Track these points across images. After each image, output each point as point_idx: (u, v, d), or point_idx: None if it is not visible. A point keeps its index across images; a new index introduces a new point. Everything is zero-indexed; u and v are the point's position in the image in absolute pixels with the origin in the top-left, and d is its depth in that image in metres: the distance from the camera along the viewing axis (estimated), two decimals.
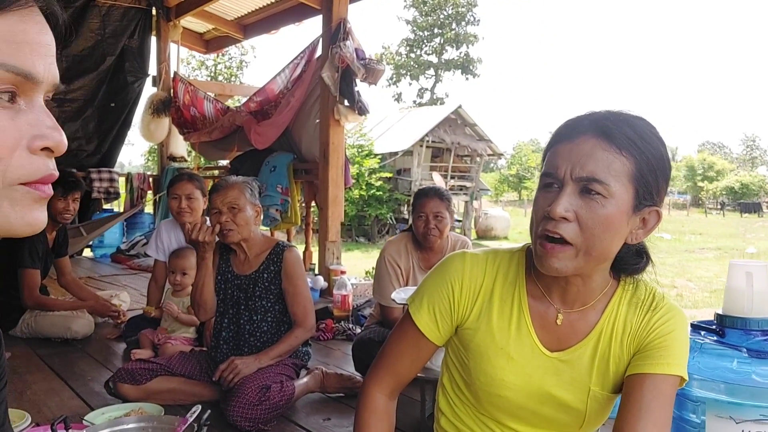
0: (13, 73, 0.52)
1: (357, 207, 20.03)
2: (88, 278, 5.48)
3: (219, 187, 2.43)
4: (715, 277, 11.22)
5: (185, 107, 6.55)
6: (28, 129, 0.54)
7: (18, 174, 0.53)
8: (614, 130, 0.98)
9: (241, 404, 2.14)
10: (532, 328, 1.13)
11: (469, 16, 36.83)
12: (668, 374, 1.03)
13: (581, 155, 0.98)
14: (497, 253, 1.19)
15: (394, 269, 2.79)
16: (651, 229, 1.05)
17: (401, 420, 2.28)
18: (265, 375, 2.27)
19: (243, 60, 24.12)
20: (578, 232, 0.98)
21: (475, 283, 1.16)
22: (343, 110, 4.71)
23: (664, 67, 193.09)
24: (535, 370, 1.12)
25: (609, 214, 0.98)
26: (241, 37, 7.10)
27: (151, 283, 3.47)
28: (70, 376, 2.77)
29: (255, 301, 2.45)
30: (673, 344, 1.06)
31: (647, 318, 1.09)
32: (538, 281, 1.14)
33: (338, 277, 4.08)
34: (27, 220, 0.55)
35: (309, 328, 2.46)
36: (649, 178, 1.00)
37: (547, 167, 1.03)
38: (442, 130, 21.78)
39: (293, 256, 2.47)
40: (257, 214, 2.47)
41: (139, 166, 31.87)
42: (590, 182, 0.97)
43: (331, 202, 4.86)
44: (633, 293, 1.12)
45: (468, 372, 1.17)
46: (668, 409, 1.03)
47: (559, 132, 1.05)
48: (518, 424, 1.17)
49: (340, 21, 4.73)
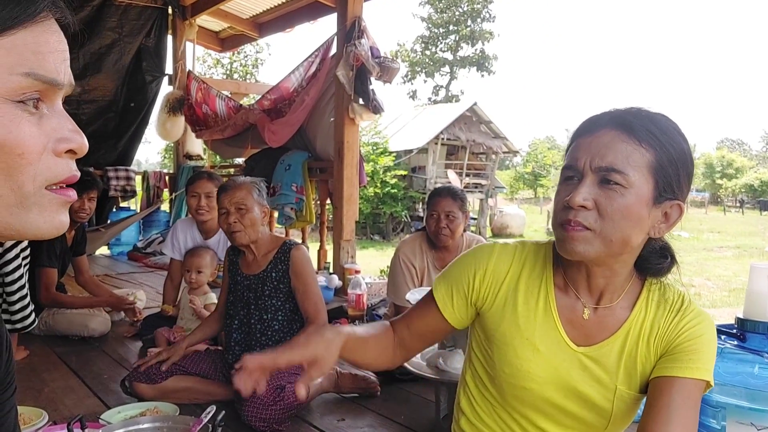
0: (39, 81, 0.55)
1: (372, 205, 20.03)
2: (105, 276, 5.53)
3: (227, 188, 2.43)
4: (733, 276, 11.10)
5: (197, 105, 6.58)
6: (52, 133, 0.57)
7: (45, 176, 0.56)
8: (634, 123, 1.01)
9: (256, 404, 2.14)
10: (559, 321, 1.13)
11: (485, 12, 36.65)
12: (697, 378, 1.02)
13: (601, 146, 1.01)
14: (525, 245, 1.21)
15: (408, 269, 2.78)
16: (673, 224, 1.06)
17: (416, 421, 2.29)
18: (280, 375, 2.26)
19: (258, 58, 24.22)
20: (597, 218, 1.00)
21: (500, 271, 1.18)
22: (358, 108, 4.70)
23: (683, 63, 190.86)
24: (561, 363, 1.12)
25: (628, 203, 0.99)
26: (256, 35, 7.12)
27: (167, 282, 3.50)
28: (87, 374, 2.79)
29: (264, 300, 2.45)
30: (701, 348, 1.05)
31: (676, 320, 1.09)
32: (565, 274, 1.15)
33: (353, 276, 4.08)
34: (54, 224, 0.59)
35: (321, 324, 2.44)
36: (670, 171, 1.01)
37: (567, 160, 1.06)
38: (458, 128, 21.71)
39: (300, 254, 2.46)
40: (265, 215, 2.47)
41: (155, 164, 32.17)
42: (609, 172, 0.99)
43: (345, 200, 4.86)
44: (661, 295, 1.12)
45: (492, 364, 1.18)
46: (695, 413, 1.02)
47: (580, 127, 1.08)
48: (542, 421, 1.16)
49: (354, 19, 4.72)
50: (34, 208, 0.56)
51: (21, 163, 0.54)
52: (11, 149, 0.54)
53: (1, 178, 0.54)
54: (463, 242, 2.84)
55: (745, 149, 73.51)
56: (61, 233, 0.60)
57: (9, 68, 0.53)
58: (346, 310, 3.81)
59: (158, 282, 5.15)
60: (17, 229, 0.56)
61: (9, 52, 0.54)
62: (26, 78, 0.54)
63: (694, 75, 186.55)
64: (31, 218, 0.57)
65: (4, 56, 0.53)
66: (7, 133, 0.53)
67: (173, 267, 3.46)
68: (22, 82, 0.54)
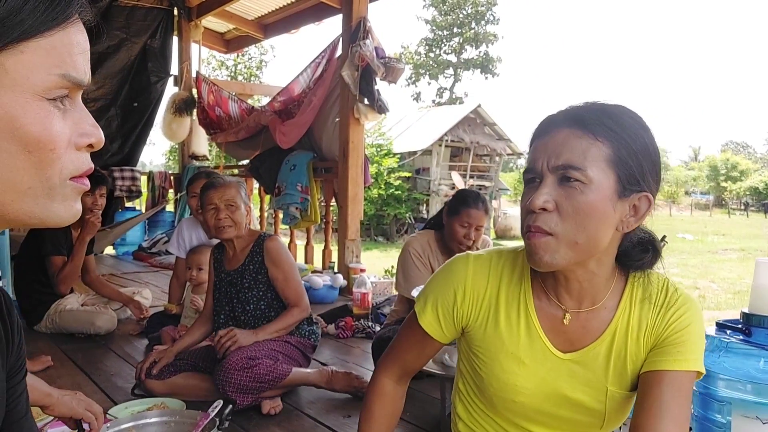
0: (70, 81, 0.58)
1: (376, 206, 20.04)
2: (111, 275, 5.56)
3: (216, 185, 2.51)
4: (738, 279, 11.06)
5: (210, 108, 6.58)
6: (75, 127, 0.60)
7: (69, 169, 0.60)
8: (588, 118, 0.99)
9: (225, 368, 2.22)
10: (541, 330, 1.11)
11: (489, 15, 36.67)
12: (687, 370, 1.02)
13: (556, 145, 0.99)
14: (501, 254, 1.18)
15: (421, 261, 2.76)
16: (643, 216, 1.02)
17: (421, 418, 2.29)
18: (257, 347, 2.34)
19: (263, 59, 24.24)
20: (558, 221, 0.98)
21: (479, 287, 1.15)
22: (363, 109, 4.72)
23: (688, 66, 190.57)
24: (548, 373, 1.10)
25: (590, 200, 0.96)
26: (261, 36, 7.14)
27: (173, 280, 3.52)
28: (94, 371, 2.81)
29: (245, 292, 2.53)
30: (689, 339, 1.04)
31: (662, 312, 1.07)
32: (543, 281, 1.12)
33: (358, 276, 4.09)
34: (72, 212, 0.62)
35: (304, 308, 2.53)
36: (631, 162, 0.98)
37: (527, 163, 1.05)
38: (462, 130, 21.71)
39: (274, 243, 2.55)
40: (248, 213, 2.58)
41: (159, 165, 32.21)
42: (567, 170, 0.97)
43: (350, 200, 4.88)
44: (645, 288, 1.09)
45: (480, 379, 1.16)
46: (687, 405, 1.02)
47: (536, 129, 1.06)
48: (538, 428, 1.16)
49: (360, 20, 4.74)
50: (58, 198, 0.59)
51: (51, 157, 0.57)
52: (45, 145, 0.56)
53: (32, 171, 0.57)
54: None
55: (749, 152, 73.25)
56: (75, 220, 0.63)
57: (48, 68, 0.56)
58: (351, 308, 3.83)
59: (163, 281, 5.17)
60: (40, 217, 0.59)
61: (49, 53, 0.56)
62: (61, 78, 0.57)
63: (700, 78, 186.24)
64: (54, 207, 0.59)
65: (43, 57, 0.56)
66: (43, 129, 0.56)
67: (179, 265, 3.49)
68: (58, 82, 0.57)
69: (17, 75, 0.54)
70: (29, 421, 0.81)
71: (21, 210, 0.58)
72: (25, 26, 0.54)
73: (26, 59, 0.55)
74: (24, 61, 0.55)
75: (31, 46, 0.55)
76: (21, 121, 0.55)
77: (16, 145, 0.55)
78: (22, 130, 0.55)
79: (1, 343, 0.74)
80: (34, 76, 0.55)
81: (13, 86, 0.54)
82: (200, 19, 6.94)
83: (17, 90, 0.55)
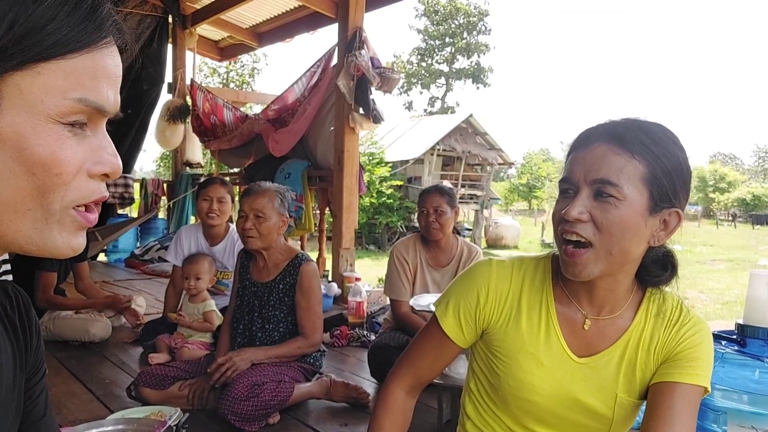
0: (89, 107, 0.56)
1: (368, 215, 20.04)
2: (103, 282, 5.53)
3: (251, 192, 2.45)
4: (726, 289, 11.14)
5: (205, 115, 6.59)
6: (91, 155, 0.58)
7: (74, 196, 0.57)
8: (626, 136, 1.02)
9: (230, 398, 2.16)
10: (561, 334, 1.14)
11: (481, 25, 36.89)
12: (697, 385, 1.06)
13: (594, 160, 1.02)
14: (523, 260, 1.21)
15: (402, 265, 2.89)
16: (672, 231, 1.07)
17: (419, 427, 2.30)
18: (260, 372, 2.28)
19: (255, 67, 24.24)
20: (594, 231, 1.01)
21: (502, 289, 1.18)
22: (358, 118, 4.75)
23: (676, 77, 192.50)
24: (564, 376, 1.14)
25: (623, 215, 1.00)
26: (255, 45, 7.16)
27: (169, 289, 3.49)
28: (89, 379, 2.80)
29: (268, 310, 2.46)
30: (701, 356, 1.08)
31: (676, 329, 1.11)
32: (564, 287, 1.16)
33: (352, 284, 4.10)
34: (71, 246, 0.59)
35: (313, 343, 2.46)
36: (664, 181, 1.01)
37: (564, 174, 1.08)
38: (453, 139, 21.80)
39: (310, 270, 2.46)
40: (284, 224, 2.47)
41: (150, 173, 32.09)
42: (603, 185, 1.00)
43: (345, 209, 4.89)
44: (660, 305, 1.14)
45: (497, 377, 1.19)
46: (695, 417, 1.05)
47: (575, 141, 1.09)
48: (546, 430, 1.18)
49: (356, 30, 4.77)
50: (55, 226, 0.57)
51: (56, 182, 0.55)
52: (50, 168, 0.54)
53: (34, 193, 0.55)
54: (456, 244, 2.91)
55: (737, 163, 73.99)
56: (76, 254, 0.60)
57: (63, 92, 0.54)
58: (346, 317, 3.83)
59: (156, 289, 5.15)
60: (38, 244, 0.57)
61: (68, 76, 0.54)
62: (78, 103, 0.55)
63: (687, 89, 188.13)
64: (51, 236, 0.57)
65: (62, 79, 0.54)
66: (50, 152, 0.54)
67: (175, 274, 3.44)
68: (74, 107, 0.55)
69: (31, 96, 0.53)
70: (49, 420, 0.80)
71: (19, 233, 0.56)
72: (44, 46, 0.52)
73: (42, 81, 0.53)
74: (40, 83, 0.53)
75: (50, 68, 0.53)
76: (30, 142, 0.53)
77: (21, 166, 0.53)
78: (29, 151, 0.53)
79: (19, 343, 0.72)
80: (49, 99, 0.53)
81: (26, 107, 0.53)
82: (195, 27, 6.96)
83: (30, 111, 0.53)
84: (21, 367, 0.73)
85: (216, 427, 2.25)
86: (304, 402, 2.49)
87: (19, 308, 0.74)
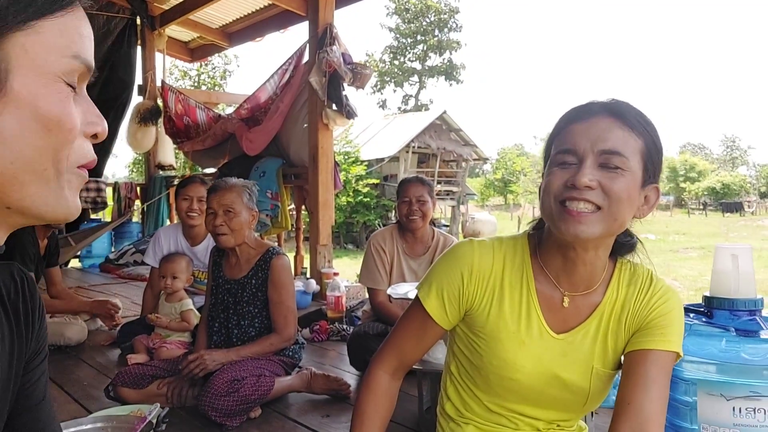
0: (83, 64, 0.59)
1: (345, 214, 20.05)
2: (78, 288, 5.45)
3: (217, 188, 2.42)
4: (699, 276, 11.37)
5: (177, 117, 6.52)
6: (83, 115, 0.60)
7: (77, 156, 0.60)
8: (626, 112, 1.06)
9: (210, 394, 2.15)
10: (540, 311, 1.17)
11: (452, 22, 37.14)
12: (669, 350, 1.09)
13: (600, 131, 1.05)
14: (502, 240, 1.23)
15: (379, 254, 2.92)
16: (653, 206, 1.12)
17: (400, 415, 2.32)
18: (240, 368, 2.27)
19: (227, 69, 24.06)
20: (604, 197, 1.03)
21: (485, 269, 1.19)
22: (332, 114, 4.75)
23: (644, 70, 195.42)
24: (544, 353, 1.16)
25: (627, 186, 1.04)
26: (226, 44, 7.11)
27: (147, 291, 3.46)
28: (66, 382, 2.76)
29: (243, 306, 2.45)
30: (672, 322, 1.12)
31: (647, 298, 1.14)
32: (544, 265, 1.18)
33: (330, 280, 4.10)
34: (78, 205, 0.61)
35: (286, 338, 2.44)
36: (655, 158, 1.07)
37: (564, 144, 1.07)
38: (428, 136, 21.90)
39: (280, 263, 2.44)
40: (253, 219, 2.45)
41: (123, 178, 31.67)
42: (612, 155, 1.03)
43: (321, 205, 4.89)
44: (631, 274, 1.17)
45: (479, 357, 1.20)
46: (668, 382, 1.09)
47: (570, 114, 1.11)
48: (526, 406, 1.21)
49: (326, 26, 4.78)
50: (66, 185, 0.59)
51: (69, 138, 0.57)
52: (64, 124, 0.57)
53: (49, 152, 0.57)
54: (433, 234, 2.95)
55: (706, 153, 75.42)
56: (76, 215, 0.62)
57: (61, 49, 0.57)
58: (325, 312, 3.84)
59: (132, 292, 5.10)
60: (53, 205, 0.58)
61: (62, 34, 0.57)
62: (74, 60, 0.58)
63: (656, 80, 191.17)
64: (64, 195, 0.59)
65: (58, 37, 0.56)
66: (62, 109, 0.57)
67: (153, 276, 3.39)
68: (72, 64, 0.58)
69: (36, 56, 0.55)
70: (47, 404, 0.80)
71: (37, 194, 0.57)
72: (39, 3, 0.55)
73: (44, 39, 0.55)
74: (42, 42, 0.55)
75: (47, 26, 0.55)
76: (45, 100, 0.55)
77: (38, 124, 0.55)
78: (44, 109, 0.55)
79: (20, 328, 0.72)
80: (51, 58, 0.56)
81: (34, 67, 0.55)
82: (164, 28, 6.88)
83: (38, 71, 0.55)
84: (19, 353, 0.72)
85: (197, 423, 2.24)
86: (285, 395, 2.49)
87: (23, 292, 0.74)
